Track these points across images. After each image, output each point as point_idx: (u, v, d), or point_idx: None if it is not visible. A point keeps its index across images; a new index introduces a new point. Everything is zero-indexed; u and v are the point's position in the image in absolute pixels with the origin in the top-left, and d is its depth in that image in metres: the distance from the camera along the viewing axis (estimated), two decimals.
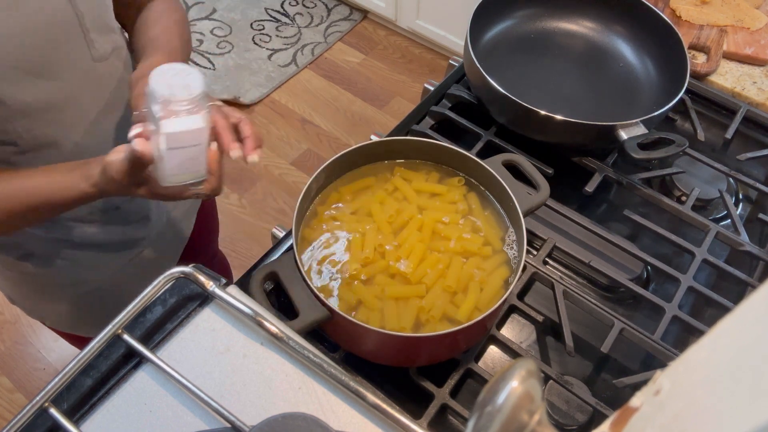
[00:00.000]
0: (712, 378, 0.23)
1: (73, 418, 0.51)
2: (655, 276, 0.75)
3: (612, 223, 0.80)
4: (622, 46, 0.92)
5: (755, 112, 0.89)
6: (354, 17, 2.45)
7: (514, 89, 0.76)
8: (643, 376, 0.63)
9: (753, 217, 0.82)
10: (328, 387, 0.54)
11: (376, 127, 2.10)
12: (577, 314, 0.69)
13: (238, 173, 1.92)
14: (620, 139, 0.75)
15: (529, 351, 0.67)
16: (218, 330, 0.57)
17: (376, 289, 0.60)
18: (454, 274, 0.61)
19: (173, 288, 0.59)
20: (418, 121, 0.86)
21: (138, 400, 0.53)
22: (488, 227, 0.65)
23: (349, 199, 0.67)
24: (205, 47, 2.32)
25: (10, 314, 1.65)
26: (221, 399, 0.52)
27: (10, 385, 1.54)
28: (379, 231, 0.64)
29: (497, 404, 0.29)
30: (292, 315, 0.57)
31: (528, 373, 0.30)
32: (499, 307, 0.57)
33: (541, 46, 0.93)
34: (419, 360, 0.62)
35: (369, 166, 0.69)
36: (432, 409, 0.60)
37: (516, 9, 0.93)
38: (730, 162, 0.84)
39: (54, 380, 0.51)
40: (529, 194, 0.66)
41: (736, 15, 1.00)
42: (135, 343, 0.55)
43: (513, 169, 0.69)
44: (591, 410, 0.61)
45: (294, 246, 0.60)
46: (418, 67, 2.29)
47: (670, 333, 0.68)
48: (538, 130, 0.79)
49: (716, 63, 0.94)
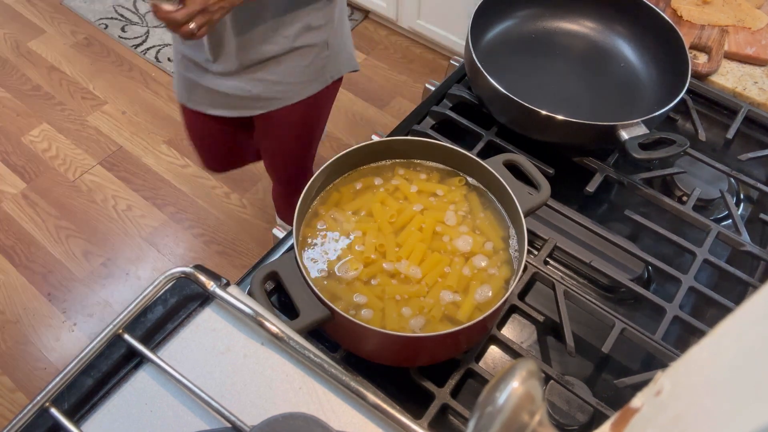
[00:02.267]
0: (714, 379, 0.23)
1: (74, 417, 0.52)
2: (656, 276, 0.75)
3: (613, 223, 0.80)
4: (623, 46, 0.92)
5: (756, 112, 0.89)
6: (355, 17, 2.45)
7: (515, 89, 0.76)
8: (643, 376, 0.63)
9: (754, 217, 0.82)
10: (328, 387, 0.54)
11: (377, 127, 2.10)
12: (577, 314, 0.69)
13: (239, 173, 1.92)
14: (621, 139, 0.75)
15: (529, 351, 0.67)
16: (219, 330, 0.57)
17: (376, 289, 0.60)
18: (454, 274, 0.61)
19: (174, 288, 0.60)
20: (419, 121, 0.86)
21: (139, 400, 0.53)
22: (489, 227, 0.65)
23: (350, 199, 0.67)
24: None
25: (12, 314, 1.65)
26: (222, 399, 0.52)
27: (11, 385, 1.54)
28: (380, 231, 0.64)
29: (498, 404, 0.29)
30: (293, 315, 0.57)
31: (529, 373, 0.30)
32: (499, 307, 0.57)
33: (542, 46, 0.93)
34: (420, 360, 0.62)
35: (370, 166, 0.69)
36: (433, 409, 0.60)
37: (517, 9, 0.93)
38: (731, 162, 0.84)
39: (55, 380, 0.51)
40: (530, 194, 0.66)
41: (737, 15, 1.00)
42: (135, 343, 0.55)
43: (514, 169, 0.69)
44: (592, 410, 0.61)
45: (295, 246, 0.60)
46: (419, 67, 2.29)
47: (671, 333, 0.68)
48: (539, 130, 0.79)
49: (717, 63, 0.94)
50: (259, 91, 1.03)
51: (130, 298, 1.48)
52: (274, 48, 0.97)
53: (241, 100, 1.05)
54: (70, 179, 1.93)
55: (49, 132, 2.04)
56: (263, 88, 1.03)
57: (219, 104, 1.07)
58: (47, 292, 1.69)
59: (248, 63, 0.98)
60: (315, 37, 1.00)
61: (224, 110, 1.07)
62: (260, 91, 1.03)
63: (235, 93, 1.03)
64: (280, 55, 0.99)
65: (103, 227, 1.81)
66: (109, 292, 1.70)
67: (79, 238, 1.79)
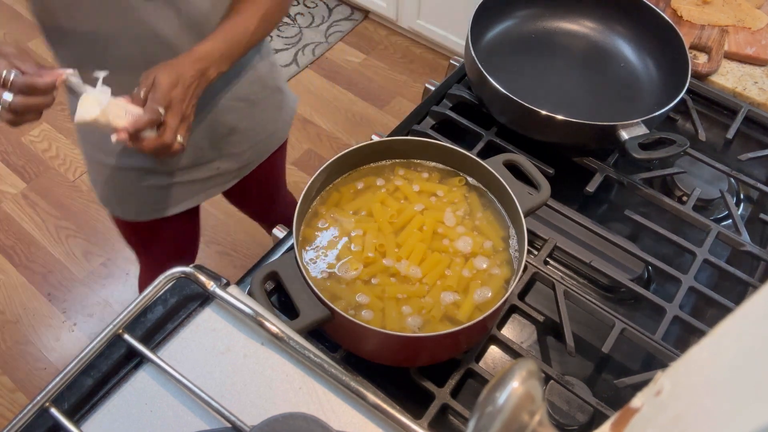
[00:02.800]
0: (714, 379, 0.23)
1: (74, 417, 0.52)
2: (656, 276, 0.75)
3: (613, 223, 0.80)
4: (623, 46, 0.92)
5: (756, 112, 0.89)
6: (355, 17, 2.45)
7: (515, 89, 0.76)
8: (643, 376, 0.63)
9: (754, 217, 0.82)
10: (328, 387, 0.54)
11: (377, 127, 2.10)
12: (577, 314, 0.69)
13: None
14: (621, 139, 0.75)
15: (529, 351, 0.67)
16: (219, 330, 0.57)
17: (377, 289, 0.60)
18: (454, 274, 0.61)
19: (174, 288, 0.60)
20: (419, 121, 0.86)
21: (139, 400, 0.53)
22: (489, 227, 0.65)
23: (350, 198, 0.67)
24: None
25: (12, 314, 1.65)
26: (222, 399, 0.52)
27: (11, 385, 1.54)
28: (380, 231, 0.64)
29: (498, 404, 0.29)
30: (293, 315, 0.57)
31: (529, 373, 0.30)
32: (499, 307, 0.57)
33: (542, 46, 0.93)
34: (420, 360, 0.62)
35: (370, 166, 0.69)
36: (433, 409, 0.60)
37: (517, 9, 0.93)
38: (731, 162, 0.84)
39: (55, 380, 0.51)
40: (530, 194, 0.66)
41: (737, 15, 1.00)
42: (136, 343, 0.55)
43: (514, 169, 0.69)
44: (592, 410, 0.61)
45: (295, 246, 0.60)
46: (419, 67, 2.29)
47: (671, 333, 0.68)
48: (539, 130, 0.79)
49: (717, 63, 0.94)
50: (230, 164, 0.95)
51: (130, 298, 1.48)
52: (234, 115, 0.89)
53: (217, 178, 0.95)
54: (70, 179, 1.93)
55: (49, 132, 2.04)
56: (235, 158, 0.95)
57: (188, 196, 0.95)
58: (47, 292, 1.69)
59: (217, 138, 0.90)
60: (267, 84, 0.93)
61: (195, 199, 0.96)
62: (231, 163, 0.95)
63: (208, 175, 0.93)
64: (244, 117, 0.91)
65: (103, 227, 1.81)
66: (109, 292, 1.70)
67: (79, 238, 1.79)
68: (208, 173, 0.93)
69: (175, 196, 0.94)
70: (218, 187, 0.98)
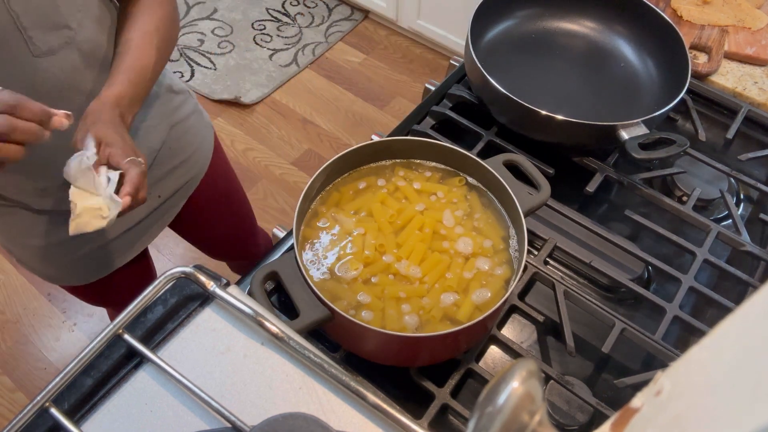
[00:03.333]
0: (714, 379, 0.23)
1: (74, 417, 0.52)
2: (656, 276, 0.75)
3: (613, 223, 0.80)
4: (623, 46, 0.92)
5: (756, 112, 0.89)
6: (355, 17, 2.45)
7: (515, 89, 0.76)
8: (644, 376, 0.63)
9: (754, 217, 0.82)
10: (328, 387, 0.54)
11: (377, 127, 2.10)
12: (577, 314, 0.69)
13: (239, 173, 1.92)
14: (621, 139, 0.75)
15: (529, 351, 0.67)
16: (219, 330, 0.57)
17: (377, 289, 0.60)
18: (454, 274, 0.61)
19: (174, 288, 0.60)
20: (419, 121, 0.86)
21: (139, 400, 0.53)
22: (489, 227, 0.65)
23: (350, 198, 0.67)
24: (206, 47, 2.32)
25: (12, 314, 1.65)
26: (222, 399, 0.52)
27: (11, 385, 1.54)
28: (380, 231, 0.64)
29: (498, 404, 0.29)
30: (293, 315, 0.57)
31: (529, 373, 0.30)
32: (499, 307, 0.57)
33: (542, 46, 0.93)
34: (420, 360, 0.62)
35: (370, 166, 0.69)
36: (432, 409, 0.60)
37: (517, 9, 0.93)
38: (731, 162, 0.84)
39: (55, 380, 0.51)
40: (530, 194, 0.66)
41: (737, 15, 1.00)
42: (136, 343, 0.55)
43: (514, 169, 0.69)
44: (592, 410, 0.61)
45: (295, 246, 0.60)
46: (418, 67, 2.29)
47: (671, 333, 0.68)
48: (539, 130, 0.79)
49: (717, 63, 0.94)
50: (167, 186, 0.91)
51: None
52: (153, 136, 0.85)
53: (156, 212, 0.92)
54: None
55: None
56: (175, 177, 0.92)
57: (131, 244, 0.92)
58: (47, 292, 1.69)
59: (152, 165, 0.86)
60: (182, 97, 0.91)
61: (141, 243, 0.93)
62: (168, 185, 0.92)
63: (146, 213, 0.90)
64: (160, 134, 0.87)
65: None
66: None
67: None
68: (147, 210, 0.89)
69: (117, 249, 0.90)
70: (160, 222, 0.94)
